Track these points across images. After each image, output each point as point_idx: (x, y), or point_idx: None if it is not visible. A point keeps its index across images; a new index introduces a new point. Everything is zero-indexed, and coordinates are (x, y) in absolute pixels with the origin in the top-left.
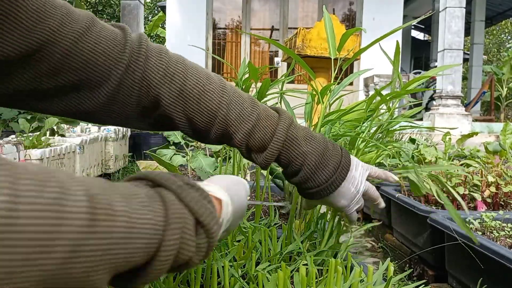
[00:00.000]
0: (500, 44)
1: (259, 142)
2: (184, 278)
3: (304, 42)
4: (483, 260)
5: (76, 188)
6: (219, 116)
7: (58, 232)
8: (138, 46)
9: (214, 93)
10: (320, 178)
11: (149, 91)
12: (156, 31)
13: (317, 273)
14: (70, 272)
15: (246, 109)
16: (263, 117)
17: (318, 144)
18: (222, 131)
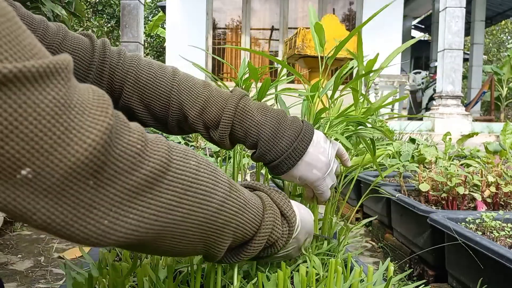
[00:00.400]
0: (500, 44)
1: (213, 116)
2: (184, 278)
3: (304, 42)
4: (483, 260)
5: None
6: (172, 98)
7: (215, 189)
8: (103, 50)
9: (165, 79)
10: (280, 146)
11: (113, 90)
12: (156, 31)
13: (317, 273)
14: (217, 221)
15: (197, 88)
16: (214, 95)
17: (273, 114)
18: (177, 113)
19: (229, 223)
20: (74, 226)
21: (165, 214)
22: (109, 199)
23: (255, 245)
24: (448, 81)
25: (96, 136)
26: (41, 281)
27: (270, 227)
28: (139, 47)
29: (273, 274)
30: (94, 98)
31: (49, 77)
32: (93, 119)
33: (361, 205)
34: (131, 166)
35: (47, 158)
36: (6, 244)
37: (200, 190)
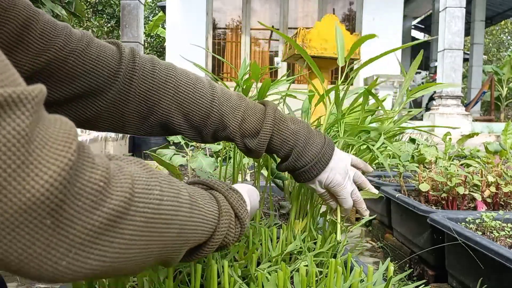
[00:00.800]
0: (500, 44)
1: (252, 126)
2: (184, 278)
3: (304, 42)
4: (483, 260)
5: (182, 186)
6: (213, 110)
7: (177, 215)
8: (132, 58)
9: (205, 90)
10: (311, 152)
11: (146, 98)
12: (156, 31)
13: (317, 273)
14: (177, 242)
15: (235, 100)
16: (251, 107)
17: (303, 125)
18: (217, 123)
19: (188, 240)
20: (29, 265)
21: (127, 249)
22: (69, 240)
23: (209, 247)
24: (448, 81)
25: (54, 172)
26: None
27: (225, 232)
28: (139, 47)
29: (273, 274)
30: (60, 132)
31: (11, 107)
32: (53, 154)
33: None
34: (92, 205)
35: (0, 192)
36: None
37: (162, 219)
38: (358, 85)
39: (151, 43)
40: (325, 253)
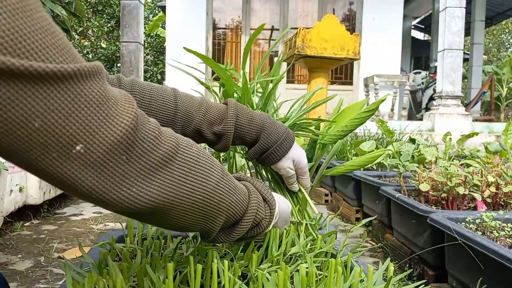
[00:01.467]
0: (500, 44)
1: (216, 114)
2: (184, 278)
3: (304, 42)
4: (483, 260)
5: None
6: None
7: (212, 171)
8: (130, 88)
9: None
10: (280, 128)
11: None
12: (156, 31)
13: (317, 273)
14: (214, 197)
15: (196, 99)
16: (212, 102)
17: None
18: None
19: (223, 201)
20: (111, 192)
21: (177, 187)
22: (137, 172)
23: (245, 223)
24: (448, 81)
25: (127, 121)
26: (41, 281)
27: (255, 208)
28: (139, 47)
29: (273, 274)
30: (122, 96)
31: (94, 76)
32: (124, 109)
33: (361, 205)
34: (152, 147)
35: (94, 136)
36: (6, 244)
37: (200, 170)
38: (358, 85)
39: (151, 43)
40: (325, 253)
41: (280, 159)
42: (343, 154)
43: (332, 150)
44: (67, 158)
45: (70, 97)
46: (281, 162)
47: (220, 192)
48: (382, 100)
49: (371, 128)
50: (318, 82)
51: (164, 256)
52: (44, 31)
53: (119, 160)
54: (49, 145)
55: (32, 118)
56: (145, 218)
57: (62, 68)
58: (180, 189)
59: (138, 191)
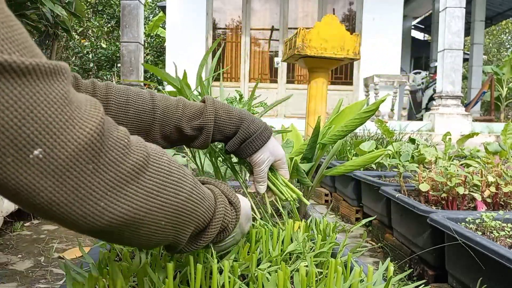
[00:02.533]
0: (500, 44)
1: (194, 109)
2: (184, 278)
3: (304, 42)
4: (483, 260)
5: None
6: (156, 108)
7: (184, 182)
8: (75, 84)
9: (145, 96)
10: (257, 120)
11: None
12: (156, 31)
13: (317, 273)
14: (186, 209)
15: (174, 99)
16: (189, 101)
17: (240, 108)
18: (161, 117)
19: (194, 211)
20: (75, 205)
21: (148, 200)
22: (105, 184)
23: (212, 229)
24: (448, 81)
25: (93, 126)
26: (41, 281)
27: (223, 213)
28: (139, 47)
29: (273, 274)
30: (88, 100)
31: (55, 75)
32: (89, 113)
33: (361, 205)
34: (121, 157)
35: (55, 140)
36: (6, 244)
37: (173, 182)
38: (358, 85)
39: (151, 43)
40: (325, 253)
41: (258, 150)
42: (343, 154)
43: (332, 150)
44: (24, 164)
45: (28, 94)
46: (258, 153)
47: (192, 203)
48: (382, 100)
49: (371, 128)
50: (318, 82)
51: (164, 256)
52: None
53: (84, 170)
54: (3, 147)
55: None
56: (111, 237)
57: (19, 61)
58: (152, 203)
59: (106, 206)
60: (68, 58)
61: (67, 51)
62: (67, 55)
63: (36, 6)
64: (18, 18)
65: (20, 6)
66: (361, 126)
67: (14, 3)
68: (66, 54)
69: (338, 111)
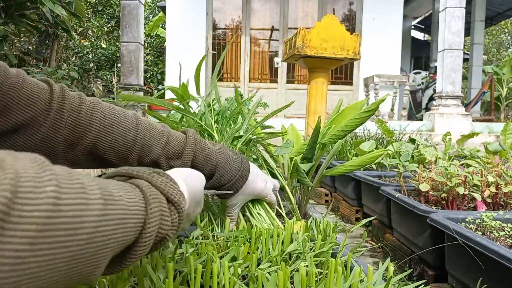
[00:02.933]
0: (500, 44)
1: (175, 148)
2: (184, 278)
3: (304, 42)
4: (483, 260)
5: (89, 181)
6: (138, 136)
7: (85, 215)
8: (61, 95)
9: (129, 120)
10: (233, 168)
11: (74, 129)
12: (156, 31)
13: (317, 273)
14: (91, 247)
15: (158, 129)
16: (172, 133)
17: (221, 145)
18: (142, 148)
19: (108, 242)
20: None
21: (21, 263)
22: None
23: (143, 246)
24: (448, 81)
25: None
26: None
27: (157, 223)
28: (139, 47)
29: (273, 274)
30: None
31: None
32: None
33: (361, 205)
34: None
35: None
36: None
37: (61, 223)
38: (358, 85)
39: (151, 43)
40: (325, 253)
41: (231, 196)
42: (343, 154)
43: (332, 150)
44: None
45: None
46: (231, 198)
47: (102, 235)
48: (382, 100)
49: (371, 128)
50: (318, 82)
51: (164, 256)
52: None
53: None
54: None
55: None
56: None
57: None
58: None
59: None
60: (68, 58)
61: (67, 51)
62: (67, 55)
63: (36, 6)
64: (18, 18)
65: (20, 6)
66: (361, 126)
67: (14, 3)
68: (66, 54)
69: (338, 111)
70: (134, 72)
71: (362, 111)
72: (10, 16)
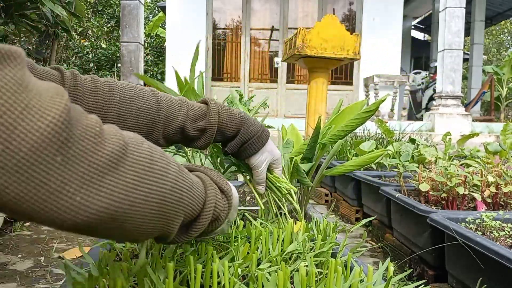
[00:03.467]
0: (500, 44)
1: (198, 111)
2: (184, 278)
3: (304, 42)
4: (483, 260)
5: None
6: (160, 107)
7: (168, 169)
8: (73, 79)
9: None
10: (257, 122)
11: (92, 111)
12: (156, 31)
13: (317, 273)
14: (173, 198)
15: (177, 99)
16: (190, 101)
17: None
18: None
19: (182, 200)
20: (47, 201)
21: (130, 192)
22: (79, 177)
23: (203, 219)
24: (448, 81)
25: (55, 114)
26: (41, 281)
27: (214, 201)
28: (139, 47)
29: (273, 274)
30: (51, 86)
31: (6, 59)
32: (50, 101)
33: (361, 205)
34: (94, 146)
35: (12, 132)
36: (6, 244)
37: (155, 171)
38: (358, 85)
39: (151, 43)
40: (325, 253)
41: (257, 151)
42: (343, 154)
43: (332, 150)
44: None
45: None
46: (258, 154)
47: (179, 191)
48: (382, 101)
49: (371, 128)
50: (318, 82)
51: (164, 256)
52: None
53: (52, 163)
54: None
55: None
56: (97, 232)
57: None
58: (134, 195)
59: (83, 200)
60: (68, 58)
61: (67, 51)
62: (67, 55)
63: (36, 6)
64: (18, 18)
65: (20, 6)
66: (361, 126)
67: (14, 3)
68: (66, 54)
69: (338, 111)
70: (134, 72)
71: (362, 111)
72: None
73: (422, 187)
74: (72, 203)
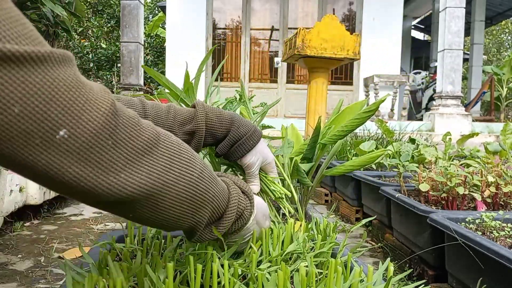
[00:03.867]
0: (500, 44)
1: (185, 115)
2: (184, 278)
3: (304, 42)
4: (483, 260)
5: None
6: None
7: (194, 159)
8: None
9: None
10: (247, 122)
11: None
12: (156, 31)
13: (317, 273)
14: (200, 187)
15: (164, 106)
16: (179, 107)
17: (229, 111)
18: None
19: (208, 190)
20: (100, 178)
21: (164, 173)
22: (123, 157)
23: (229, 215)
24: (448, 81)
25: (107, 106)
26: (41, 281)
27: (237, 199)
28: (139, 47)
29: (273, 274)
30: (95, 84)
31: (67, 62)
32: (100, 95)
33: (361, 205)
34: (135, 133)
35: (77, 120)
36: (6, 244)
37: (184, 158)
38: (358, 85)
39: (151, 43)
40: (325, 253)
41: (248, 152)
42: (343, 154)
43: (332, 150)
44: (51, 145)
45: (49, 81)
46: (249, 155)
47: (205, 182)
48: (382, 101)
49: (371, 128)
50: (318, 82)
51: (164, 256)
52: (15, 21)
53: (105, 145)
54: (31, 131)
55: (11, 104)
56: (134, 209)
57: (36, 50)
58: (167, 176)
59: (127, 176)
60: None
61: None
62: None
63: (36, 6)
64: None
65: (20, 6)
66: (361, 126)
67: (14, 3)
68: None
69: (338, 111)
70: (134, 72)
71: (362, 111)
72: None
73: (422, 187)
74: (119, 179)
